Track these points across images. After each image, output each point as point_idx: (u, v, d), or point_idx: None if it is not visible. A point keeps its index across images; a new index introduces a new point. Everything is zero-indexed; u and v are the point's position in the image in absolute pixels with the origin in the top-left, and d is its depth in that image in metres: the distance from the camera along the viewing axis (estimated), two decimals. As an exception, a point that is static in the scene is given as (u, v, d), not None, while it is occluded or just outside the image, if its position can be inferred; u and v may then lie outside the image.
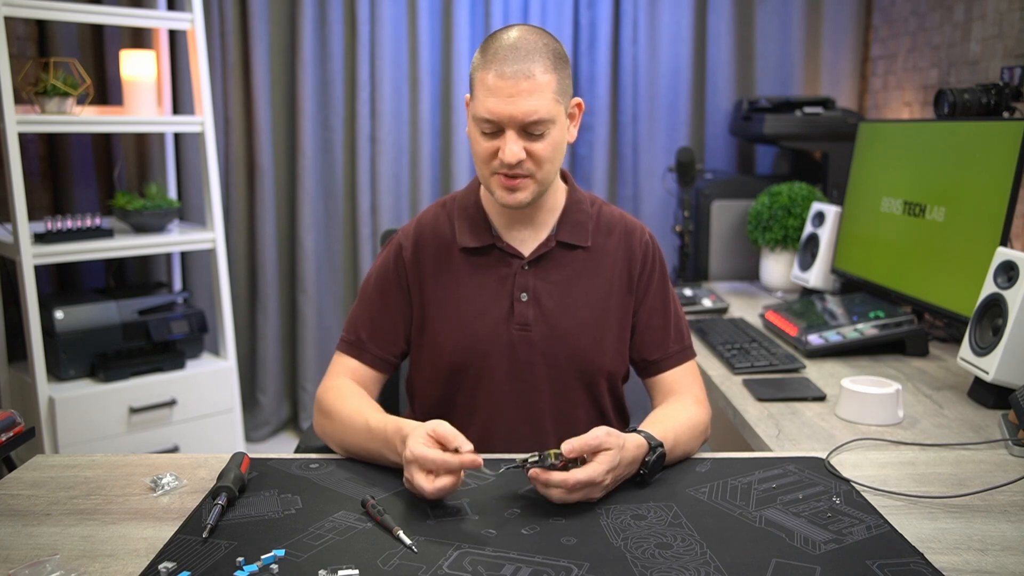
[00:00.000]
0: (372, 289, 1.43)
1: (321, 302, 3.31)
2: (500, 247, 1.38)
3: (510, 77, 1.21)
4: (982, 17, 2.47)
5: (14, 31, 2.78)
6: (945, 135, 2.01)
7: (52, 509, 1.12)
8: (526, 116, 1.22)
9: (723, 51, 3.19)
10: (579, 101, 1.34)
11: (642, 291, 1.43)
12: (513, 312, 1.37)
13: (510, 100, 1.22)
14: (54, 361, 2.53)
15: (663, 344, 1.43)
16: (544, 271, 1.38)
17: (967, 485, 1.21)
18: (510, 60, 1.22)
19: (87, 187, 3.04)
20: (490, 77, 1.23)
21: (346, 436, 1.28)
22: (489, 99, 1.23)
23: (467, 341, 1.37)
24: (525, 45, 1.23)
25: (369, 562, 0.98)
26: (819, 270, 2.40)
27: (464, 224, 1.40)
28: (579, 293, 1.39)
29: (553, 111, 1.25)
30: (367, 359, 1.40)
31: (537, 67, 1.22)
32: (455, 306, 1.38)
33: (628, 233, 1.44)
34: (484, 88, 1.24)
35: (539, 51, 1.24)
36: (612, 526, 1.07)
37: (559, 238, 1.39)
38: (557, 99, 1.25)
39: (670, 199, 3.17)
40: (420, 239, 1.41)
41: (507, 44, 1.24)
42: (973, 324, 1.63)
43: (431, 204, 1.48)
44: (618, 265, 1.41)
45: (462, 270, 1.39)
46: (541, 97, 1.22)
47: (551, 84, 1.24)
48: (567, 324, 1.37)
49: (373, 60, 3.15)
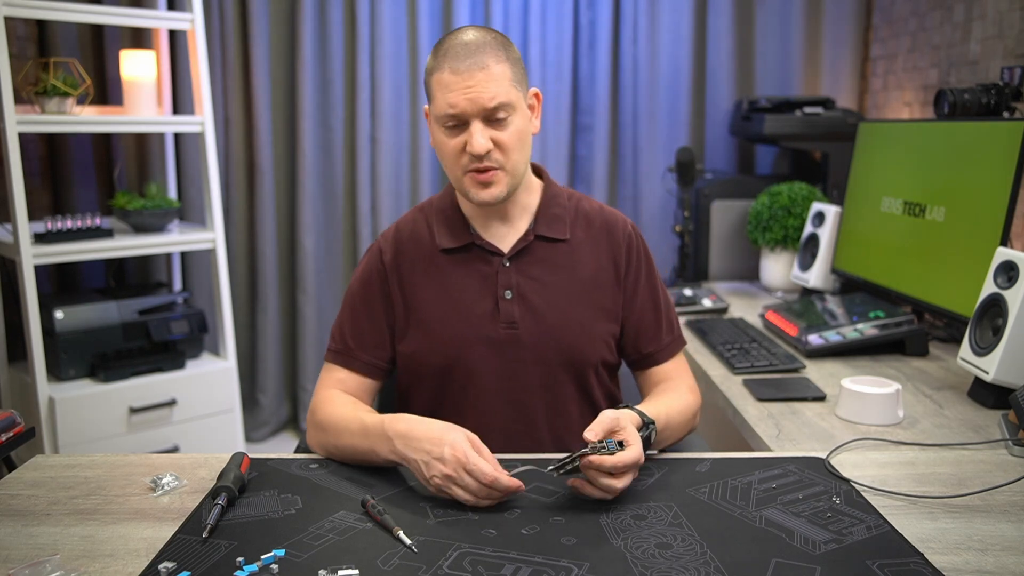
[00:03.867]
0: (356, 296, 1.43)
1: (321, 302, 3.31)
2: (479, 244, 1.39)
3: (464, 71, 1.25)
4: (982, 17, 2.47)
5: (14, 31, 2.78)
6: (945, 135, 2.01)
7: (52, 509, 1.12)
8: (487, 102, 1.25)
9: (723, 51, 3.19)
10: (536, 91, 1.37)
11: (631, 286, 1.43)
12: (499, 310, 1.37)
13: (468, 89, 1.25)
14: (54, 361, 2.53)
15: (656, 337, 1.45)
16: (525, 267, 1.39)
17: (967, 485, 1.21)
18: (462, 55, 1.25)
19: (87, 187, 3.04)
20: (445, 75, 1.26)
21: (340, 438, 1.27)
22: (448, 94, 1.26)
23: (454, 342, 1.37)
24: (475, 41, 1.27)
25: (369, 562, 0.98)
26: (819, 270, 2.40)
27: (442, 226, 1.41)
28: (562, 287, 1.39)
29: (512, 96, 1.27)
30: (357, 367, 1.39)
31: (489, 58, 1.26)
32: (439, 308, 1.38)
33: (609, 225, 1.44)
34: (441, 86, 1.27)
35: (488, 44, 1.27)
36: (612, 526, 1.07)
37: (537, 232, 1.40)
38: (514, 86, 1.28)
39: (670, 199, 3.17)
40: (400, 244, 1.42)
41: (456, 43, 1.27)
42: (973, 324, 1.63)
43: (410, 209, 1.49)
44: (601, 257, 1.42)
45: (444, 271, 1.39)
46: (498, 84, 1.25)
47: (506, 72, 1.27)
48: (553, 319, 1.38)
49: (373, 60, 3.15)
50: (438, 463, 1.11)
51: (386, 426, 1.19)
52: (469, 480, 1.09)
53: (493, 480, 1.08)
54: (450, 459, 1.10)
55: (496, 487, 1.09)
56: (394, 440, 1.17)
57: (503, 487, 1.09)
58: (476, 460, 1.10)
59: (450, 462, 1.10)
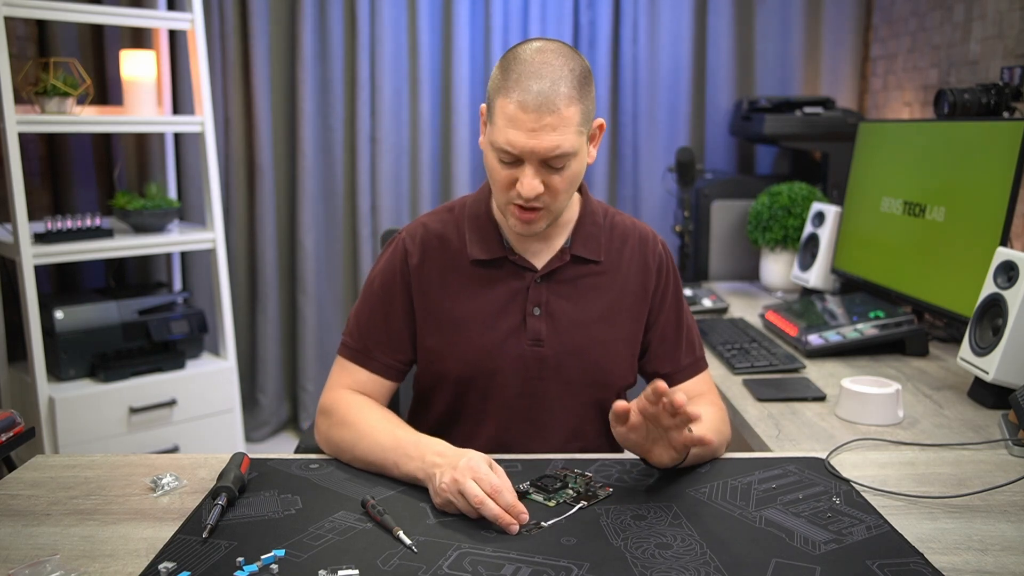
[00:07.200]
0: (377, 295, 1.38)
1: (321, 302, 3.31)
2: (513, 260, 1.35)
3: (533, 110, 1.16)
4: (982, 17, 2.47)
5: (14, 31, 2.78)
6: (945, 135, 2.01)
7: (52, 509, 1.12)
8: (548, 152, 1.18)
9: (723, 51, 3.19)
10: (601, 122, 1.28)
11: (657, 305, 1.41)
12: (526, 326, 1.34)
13: (532, 134, 1.17)
14: (54, 361, 2.53)
15: (674, 357, 1.41)
16: (557, 285, 1.35)
17: (967, 485, 1.21)
18: (534, 91, 1.16)
19: (87, 187, 3.04)
20: (511, 107, 1.17)
21: (361, 441, 1.24)
22: (509, 131, 1.18)
23: (477, 354, 1.34)
24: (550, 73, 1.17)
25: (369, 562, 0.98)
26: (819, 270, 2.40)
27: (475, 235, 1.36)
28: (592, 308, 1.36)
29: (576, 144, 1.20)
30: (375, 367, 1.36)
31: (561, 100, 1.16)
32: (464, 318, 1.35)
33: (642, 243, 1.41)
34: (504, 117, 1.19)
35: (564, 79, 1.17)
36: (612, 526, 1.07)
37: (573, 252, 1.36)
38: (580, 130, 1.20)
39: (670, 199, 3.17)
40: (427, 247, 1.37)
41: (530, 70, 1.17)
42: (973, 324, 1.63)
43: (437, 208, 1.43)
44: (632, 278, 1.39)
45: (472, 281, 1.35)
46: (564, 131, 1.17)
47: (575, 117, 1.18)
48: (580, 340, 1.35)
49: (373, 60, 3.15)
50: (451, 470, 1.09)
51: (423, 445, 1.17)
52: (471, 485, 1.06)
53: (495, 488, 1.06)
54: (463, 468, 1.08)
55: (498, 498, 1.05)
56: (426, 456, 1.15)
57: (505, 500, 1.05)
58: (487, 472, 1.08)
59: (461, 470, 1.08)
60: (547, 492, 1.15)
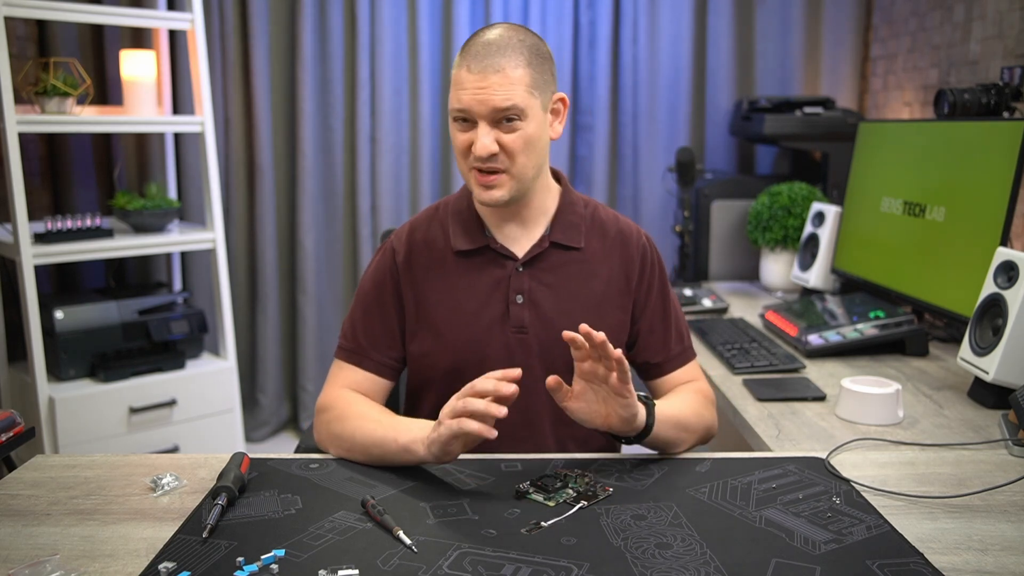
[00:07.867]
0: (369, 295, 1.42)
1: (321, 302, 3.31)
2: (494, 248, 1.39)
3: (479, 71, 1.25)
4: (982, 17, 2.47)
5: (14, 31, 2.78)
6: (945, 135, 2.01)
7: (52, 509, 1.12)
8: (496, 106, 1.25)
9: (723, 51, 3.19)
10: (562, 96, 1.35)
11: (643, 297, 1.44)
12: (509, 314, 1.37)
13: (479, 91, 1.25)
14: (54, 361, 2.53)
15: (664, 347, 1.45)
16: (538, 272, 1.39)
17: (967, 485, 1.21)
18: (482, 55, 1.25)
19: (87, 187, 3.04)
20: (463, 72, 1.26)
21: (359, 429, 1.27)
22: (460, 92, 1.26)
23: (463, 344, 1.37)
24: (499, 41, 1.26)
25: (369, 562, 0.98)
26: (819, 270, 2.40)
27: (458, 227, 1.41)
28: (574, 295, 1.39)
29: (524, 102, 1.26)
30: (370, 366, 1.39)
31: (508, 62, 1.25)
32: (450, 310, 1.38)
33: (624, 236, 1.44)
34: (457, 82, 1.28)
35: (513, 47, 1.26)
36: (612, 526, 1.07)
37: (552, 239, 1.39)
38: (530, 92, 1.27)
39: (670, 199, 3.17)
40: (413, 244, 1.42)
41: (482, 41, 1.27)
42: (973, 324, 1.63)
43: (424, 209, 1.49)
44: (614, 268, 1.42)
45: (456, 273, 1.39)
46: (511, 89, 1.25)
47: (523, 78, 1.26)
48: (563, 326, 1.35)
49: (373, 60, 3.15)
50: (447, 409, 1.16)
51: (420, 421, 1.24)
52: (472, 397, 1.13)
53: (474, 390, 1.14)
54: (449, 407, 1.16)
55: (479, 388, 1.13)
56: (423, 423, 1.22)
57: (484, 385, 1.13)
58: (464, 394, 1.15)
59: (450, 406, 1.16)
60: (547, 492, 1.15)
